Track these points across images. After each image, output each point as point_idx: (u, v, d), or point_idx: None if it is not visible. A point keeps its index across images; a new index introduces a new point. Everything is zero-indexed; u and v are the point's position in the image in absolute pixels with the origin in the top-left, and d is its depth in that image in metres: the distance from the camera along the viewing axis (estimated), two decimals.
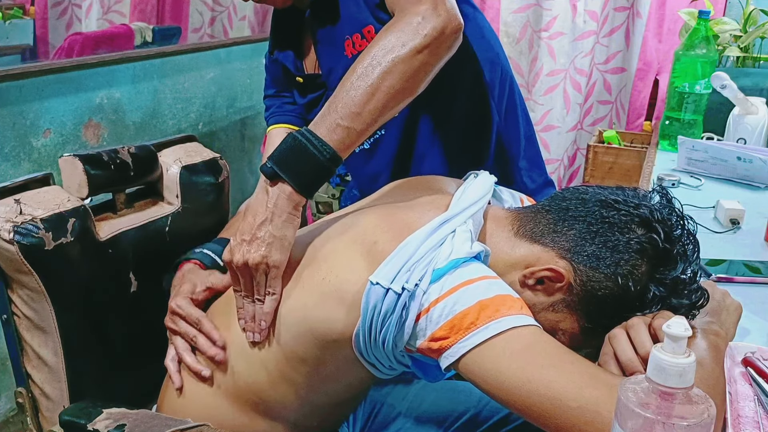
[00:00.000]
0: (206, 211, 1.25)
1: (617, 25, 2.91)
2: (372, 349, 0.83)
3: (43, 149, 1.95)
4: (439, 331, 0.77)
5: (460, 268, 0.79)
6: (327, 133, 0.88)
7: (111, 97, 2.16)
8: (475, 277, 0.79)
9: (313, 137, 0.88)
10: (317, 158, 0.87)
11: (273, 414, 0.94)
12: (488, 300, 0.76)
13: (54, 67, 1.98)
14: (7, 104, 1.83)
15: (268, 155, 0.90)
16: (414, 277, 0.78)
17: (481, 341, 0.75)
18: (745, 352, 0.91)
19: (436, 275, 0.79)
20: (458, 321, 0.76)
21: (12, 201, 0.96)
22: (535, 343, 0.75)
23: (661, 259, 0.82)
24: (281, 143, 0.90)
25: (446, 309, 0.77)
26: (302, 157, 0.88)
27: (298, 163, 0.88)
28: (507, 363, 0.74)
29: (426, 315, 0.78)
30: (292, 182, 0.87)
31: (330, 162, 0.88)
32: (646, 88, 2.92)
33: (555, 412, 0.71)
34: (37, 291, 0.96)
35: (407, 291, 0.78)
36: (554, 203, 0.90)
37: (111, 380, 1.08)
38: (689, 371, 0.56)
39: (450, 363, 0.77)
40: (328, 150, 0.88)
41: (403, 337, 0.80)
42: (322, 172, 0.89)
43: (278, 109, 1.37)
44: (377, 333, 0.81)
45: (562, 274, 0.83)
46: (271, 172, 0.88)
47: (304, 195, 0.89)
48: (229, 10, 2.93)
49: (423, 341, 0.79)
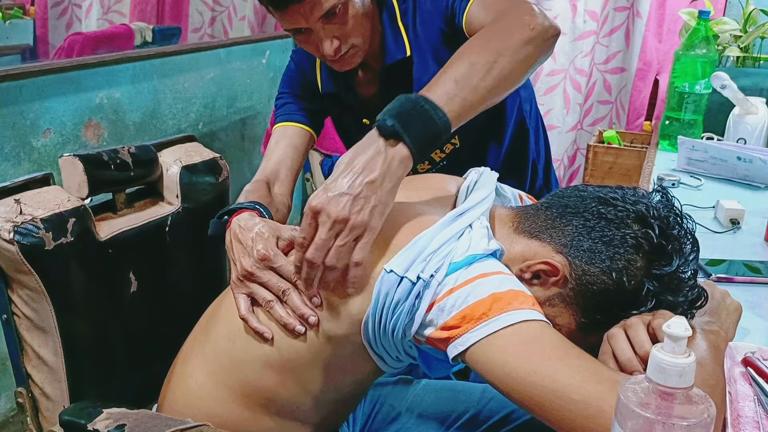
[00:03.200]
0: (206, 211, 1.24)
1: (617, 25, 2.91)
2: (381, 338, 0.83)
3: (43, 149, 1.95)
4: (451, 321, 0.78)
5: (476, 263, 0.80)
6: (445, 101, 0.86)
7: (111, 97, 2.16)
8: (491, 272, 0.80)
9: (428, 103, 0.84)
10: (436, 124, 0.84)
11: (279, 411, 0.94)
12: (502, 293, 0.77)
13: (54, 67, 1.98)
14: (7, 104, 1.83)
15: (384, 111, 0.84)
16: (430, 268, 0.79)
17: (492, 332, 0.75)
18: (745, 352, 0.91)
19: (452, 268, 0.79)
20: (470, 311, 0.77)
21: (12, 201, 0.96)
22: (543, 336, 0.76)
23: (657, 254, 0.82)
24: (395, 103, 0.85)
25: (459, 300, 0.78)
26: (422, 120, 0.83)
27: (418, 125, 0.83)
28: (513, 354, 0.75)
29: (438, 304, 0.79)
30: (411, 144, 0.82)
31: (444, 130, 0.85)
32: (646, 88, 2.92)
33: (558, 404, 0.71)
34: (37, 291, 0.97)
35: (422, 281, 0.79)
36: (553, 201, 0.91)
37: (111, 380, 1.08)
38: (689, 371, 0.56)
39: (458, 352, 0.78)
40: (444, 118, 0.85)
41: (412, 326, 0.80)
42: (436, 139, 0.85)
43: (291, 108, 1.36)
44: (387, 321, 0.81)
45: (558, 268, 0.84)
46: (392, 131, 0.82)
47: (416, 161, 0.84)
48: (229, 10, 2.93)
49: (433, 330, 0.80)
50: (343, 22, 1.14)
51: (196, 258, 1.25)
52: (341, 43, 1.16)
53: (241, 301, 0.91)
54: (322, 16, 1.10)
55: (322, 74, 1.34)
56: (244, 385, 0.93)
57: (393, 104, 0.85)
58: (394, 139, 0.82)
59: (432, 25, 1.24)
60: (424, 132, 0.84)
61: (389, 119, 0.82)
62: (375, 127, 0.84)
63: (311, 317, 0.85)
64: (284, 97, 1.38)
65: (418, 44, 1.26)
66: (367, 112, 1.33)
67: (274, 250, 0.90)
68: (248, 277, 0.90)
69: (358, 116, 1.36)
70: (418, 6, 1.25)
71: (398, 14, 1.25)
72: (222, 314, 0.97)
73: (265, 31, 3.01)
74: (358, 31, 1.17)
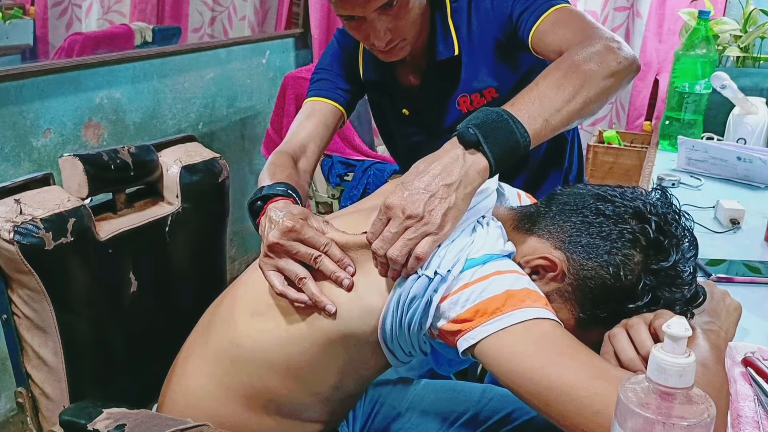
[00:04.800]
0: (206, 211, 1.25)
1: (617, 24, 2.91)
2: (397, 333, 0.84)
3: (43, 149, 1.95)
4: (465, 314, 0.79)
5: (492, 262, 0.81)
6: (528, 119, 0.86)
7: (111, 97, 2.16)
8: (506, 270, 0.81)
9: (512, 119, 0.85)
10: (517, 139, 0.84)
11: (280, 411, 0.94)
12: (516, 290, 0.79)
13: (54, 67, 1.98)
14: (7, 104, 1.83)
15: (466, 120, 0.84)
16: (446, 263, 0.80)
17: (504, 326, 0.76)
18: (745, 352, 0.91)
19: (468, 264, 0.81)
20: (484, 306, 0.78)
21: (12, 201, 0.96)
22: (553, 334, 0.77)
23: (654, 249, 0.83)
24: (478, 113, 0.85)
25: (474, 294, 0.79)
26: (504, 133, 0.84)
27: (499, 138, 0.83)
28: (523, 349, 0.76)
29: (452, 297, 0.80)
30: (491, 155, 0.82)
31: (524, 147, 0.85)
32: (646, 88, 2.92)
33: (565, 400, 0.72)
34: (37, 291, 0.97)
35: (440, 275, 0.80)
36: (552, 199, 0.92)
37: (111, 380, 1.08)
38: (689, 371, 0.56)
39: (469, 345, 0.79)
40: (526, 135, 0.85)
41: (428, 319, 0.81)
42: (515, 153, 0.85)
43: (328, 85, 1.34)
44: (403, 315, 0.82)
45: (556, 263, 0.84)
46: (475, 140, 0.82)
47: (492, 173, 0.84)
48: (229, 10, 2.93)
49: (445, 323, 0.81)
50: (398, 16, 1.14)
51: (196, 258, 1.25)
52: (393, 35, 1.16)
53: (274, 278, 0.89)
54: (380, 7, 1.11)
55: (364, 60, 1.34)
56: (246, 387, 0.93)
57: (476, 114, 0.85)
58: (474, 148, 0.83)
59: (488, 30, 1.24)
60: (505, 145, 0.84)
61: (472, 128, 0.83)
62: (455, 135, 0.84)
63: (345, 280, 0.85)
64: (322, 72, 1.36)
65: (470, 44, 1.26)
66: (407, 102, 1.34)
67: (301, 223, 0.88)
68: (275, 248, 0.88)
69: (398, 106, 1.36)
70: (474, 5, 1.25)
71: (449, 11, 1.25)
72: (223, 316, 0.97)
73: (265, 31, 3.01)
74: (411, 25, 1.18)
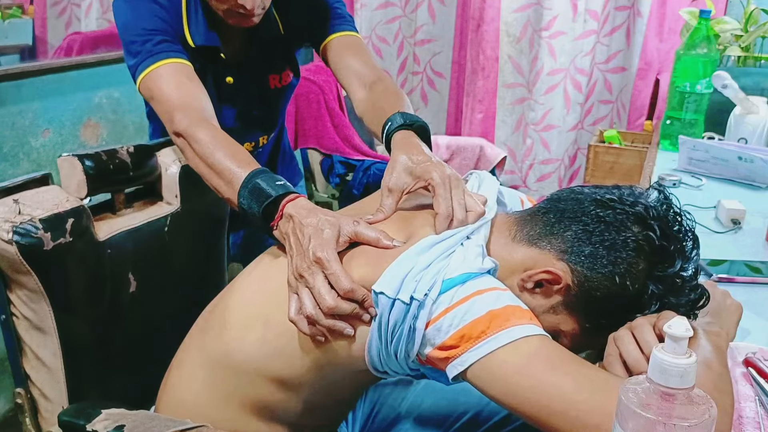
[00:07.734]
0: (206, 211, 1.25)
1: (618, 24, 2.91)
2: (386, 361, 0.82)
3: (42, 149, 1.95)
4: (449, 341, 0.77)
5: (471, 281, 0.79)
6: None
7: (110, 97, 2.16)
8: (486, 288, 0.78)
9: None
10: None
11: (274, 417, 0.94)
12: (499, 310, 0.76)
13: (53, 66, 1.98)
14: (6, 104, 1.83)
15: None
16: (422, 287, 0.77)
17: (492, 350, 0.74)
18: (746, 352, 0.91)
19: (446, 285, 0.78)
20: (468, 330, 0.76)
21: (11, 201, 0.96)
22: (543, 350, 0.75)
23: (659, 256, 0.82)
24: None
25: (456, 318, 0.76)
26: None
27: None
28: (515, 370, 0.74)
29: (435, 324, 0.77)
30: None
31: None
32: (647, 88, 2.92)
33: (564, 415, 0.71)
34: (35, 291, 0.96)
35: (416, 301, 0.77)
36: (551, 205, 0.89)
37: (110, 381, 1.08)
38: (690, 372, 0.56)
39: (458, 372, 0.77)
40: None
41: (414, 346, 0.79)
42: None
43: (174, 47, 1.25)
44: (389, 343, 0.80)
45: (560, 276, 0.83)
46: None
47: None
48: None
49: (431, 350, 0.78)
50: None
51: (195, 258, 1.25)
52: (263, 1, 1.23)
53: (292, 303, 0.85)
54: None
55: (191, 27, 1.30)
56: (240, 395, 0.92)
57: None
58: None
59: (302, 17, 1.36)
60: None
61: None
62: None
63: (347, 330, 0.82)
64: (157, 34, 1.24)
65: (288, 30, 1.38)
66: (231, 71, 1.38)
67: (329, 253, 0.83)
68: (299, 278, 0.86)
69: (222, 74, 1.37)
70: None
71: None
72: (216, 323, 0.96)
73: None
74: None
